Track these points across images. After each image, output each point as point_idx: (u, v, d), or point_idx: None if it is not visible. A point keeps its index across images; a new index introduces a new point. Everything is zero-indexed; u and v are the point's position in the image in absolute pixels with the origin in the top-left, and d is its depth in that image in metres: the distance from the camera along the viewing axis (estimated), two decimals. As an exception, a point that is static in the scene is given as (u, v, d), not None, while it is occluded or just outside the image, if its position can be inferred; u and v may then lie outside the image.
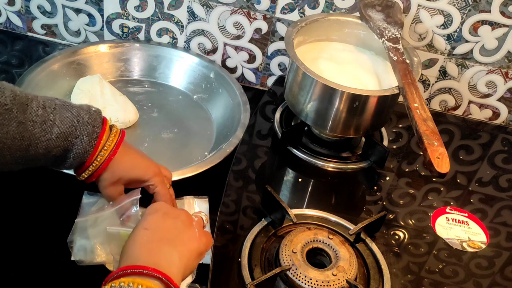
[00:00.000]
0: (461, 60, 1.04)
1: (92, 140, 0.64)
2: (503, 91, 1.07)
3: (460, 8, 0.97)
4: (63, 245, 0.70)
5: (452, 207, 0.88)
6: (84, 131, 0.64)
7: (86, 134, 0.64)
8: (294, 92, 0.91)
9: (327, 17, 0.98)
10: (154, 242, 0.58)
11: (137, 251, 0.57)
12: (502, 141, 1.07)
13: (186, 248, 0.60)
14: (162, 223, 0.61)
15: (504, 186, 0.95)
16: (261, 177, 0.89)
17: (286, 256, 0.70)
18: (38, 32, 1.17)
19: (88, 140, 0.64)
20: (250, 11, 1.04)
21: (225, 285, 0.70)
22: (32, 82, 0.96)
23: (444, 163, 0.72)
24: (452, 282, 0.76)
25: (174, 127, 1.00)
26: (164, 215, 0.62)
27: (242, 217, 0.80)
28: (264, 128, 0.99)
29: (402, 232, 0.82)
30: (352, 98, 0.84)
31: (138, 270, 0.54)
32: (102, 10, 1.10)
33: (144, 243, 0.58)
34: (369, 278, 0.72)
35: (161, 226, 0.61)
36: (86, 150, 0.64)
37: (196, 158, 0.93)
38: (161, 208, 0.64)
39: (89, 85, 0.98)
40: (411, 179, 0.92)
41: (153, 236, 0.59)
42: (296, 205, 0.82)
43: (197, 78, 1.09)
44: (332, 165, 0.92)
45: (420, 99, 0.80)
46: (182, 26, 1.09)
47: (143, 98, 1.05)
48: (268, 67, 1.12)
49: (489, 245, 0.82)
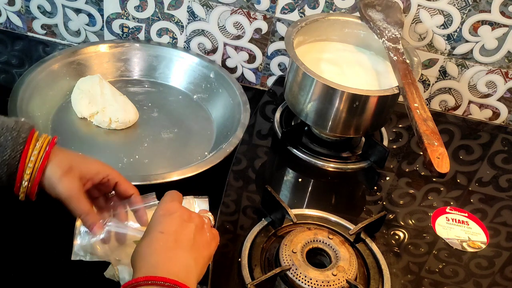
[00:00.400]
0: (461, 60, 1.04)
1: (18, 145, 0.61)
2: (503, 91, 1.07)
3: (460, 8, 0.97)
4: (63, 245, 0.70)
5: (452, 207, 0.88)
6: (8, 136, 0.61)
7: (11, 138, 0.61)
8: (294, 92, 0.91)
9: (327, 17, 0.98)
10: (171, 249, 0.57)
11: (155, 258, 0.56)
12: (502, 141, 1.07)
13: (201, 254, 0.60)
14: (177, 227, 0.59)
15: (504, 186, 0.95)
16: (261, 177, 0.89)
17: (286, 256, 0.70)
18: (38, 32, 1.17)
19: (12, 145, 0.61)
20: (250, 11, 1.04)
21: (225, 285, 0.70)
22: (32, 82, 0.96)
23: (444, 163, 0.72)
24: (452, 282, 0.76)
25: (174, 127, 1.00)
26: (179, 218, 0.60)
27: (242, 217, 0.80)
28: (264, 128, 0.99)
29: (402, 232, 0.82)
30: (352, 98, 0.84)
31: (159, 282, 0.53)
32: (102, 10, 1.10)
33: (161, 249, 0.57)
34: (369, 278, 0.72)
35: (177, 230, 0.59)
36: (12, 156, 0.61)
37: (196, 158, 0.93)
38: (175, 210, 0.62)
39: (89, 85, 0.98)
40: (411, 179, 0.92)
41: (169, 241, 0.58)
42: (296, 205, 0.82)
43: (197, 78, 1.09)
44: (332, 165, 0.92)
45: (420, 99, 0.80)
46: (182, 26, 1.09)
47: (143, 98, 1.05)
48: (268, 67, 1.12)
49: (489, 245, 0.82)
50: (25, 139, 0.62)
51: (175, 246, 0.58)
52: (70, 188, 0.64)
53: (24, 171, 0.62)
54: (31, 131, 0.63)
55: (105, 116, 0.96)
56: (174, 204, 0.63)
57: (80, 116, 0.97)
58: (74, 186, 0.64)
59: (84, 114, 0.97)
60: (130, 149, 0.94)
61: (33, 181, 0.63)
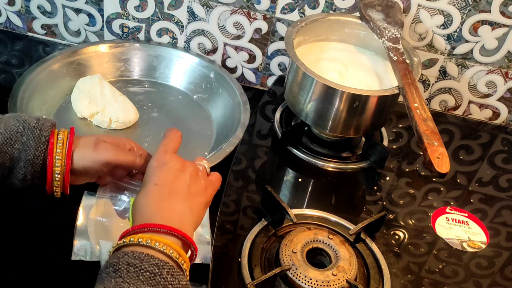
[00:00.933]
0: (461, 60, 1.04)
1: (40, 144, 0.62)
2: (503, 91, 1.07)
3: (460, 8, 0.97)
4: (63, 245, 0.70)
5: (452, 207, 0.88)
6: (30, 135, 0.62)
7: (33, 138, 0.62)
8: (294, 92, 0.91)
9: (327, 17, 0.98)
10: (165, 199, 0.59)
11: (150, 208, 0.59)
12: (502, 141, 1.07)
13: (196, 202, 0.62)
14: (171, 178, 0.62)
15: (504, 186, 0.95)
16: (261, 177, 0.89)
17: (286, 256, 0.70)
18: (38, 32, 1.17)
19: (35, 145, 0.62)
20: (250, 11, 1.04)
21: (225, 285, 0.70)
22: (32, 82, 0.96)
23: (444, 163, 0.72)
24: (452, 282, 0.76)
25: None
26: (172, 168, 0.63)
27: (242, 217, 0.80)
28: (264, 128, 0.99)
29: (402, 232, 0.82)
30: (352, 98, 0.84)
31: (154, 228, 0.56)
32: (102, 10, 1.10)
33: (156, 200, 0.59)
34: (369, 278, 0.72)
35: (171, 180, 0.61)
36: (36, 155, 0.62)
37: (196, 158, 0.93)
38: (168, 160, 0.64)
39: (89, 85, 0.98)
40: (411, 179, 0.92)
41: (163, 192, 0.60)
42: (296, 205, 0.82)
43: (197, 78, 1.09)
44: (332, 165, 0.92)
45: (420, 99, 0.80)
46: (182, 26, 1.09)
47: (143, 98, 1.05)
48: (268, 67, 1.12)
49: (489, 245, 0.82)
50: (47, 138, 0.63)
51: (169, 196, 0.60)
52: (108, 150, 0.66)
53: (53, 167, 0.63)
54: (52, 130, 0.64)
55: (105, 116, 0.96)
56: (167, 155, 0.65)
57: (80, 116, 0.97)
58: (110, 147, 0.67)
59: (84, 114, 0.97)
60: (130, 149, 0.94)
61: (63, 173, 0.64)
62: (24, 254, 0.73)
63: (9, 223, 0.77)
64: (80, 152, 0.66)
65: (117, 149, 0.68)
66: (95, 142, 0.67)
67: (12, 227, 0.77)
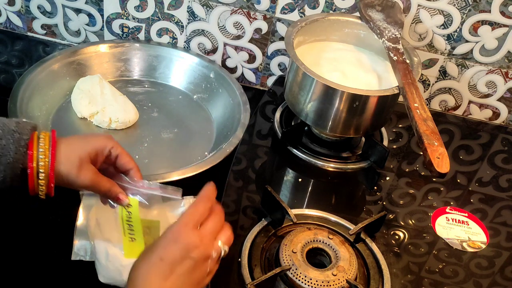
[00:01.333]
0: (461, 60, 1.04)
1: (20, 147, 0.61)
2: (503, 91, 1.07)
3: (460, 8, 0.97)
4: (63, 245, 0.70)
5: (452, 207, 0.88)
6: (10, 139, 0.61)
7: (12, 142, 0.61)
8: (294, 92, 0.91)
9: (327, 17, 0.98)
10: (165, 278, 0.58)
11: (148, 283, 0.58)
12: (502, 141, 1.07)
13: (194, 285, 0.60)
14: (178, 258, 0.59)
15: (504, 186, 0.95)
16: (261, 177, 0.89)
17: (286, 256, 0.70)
18: (38, 32, 1.17)
19: (14, 148, 0.61)
20: (250, 11, 1.04)
21: (225, 285, 0.70)
22: (32, 82, 0.96)
23: (444, 163, 0.72)
24: (452, 282, 0.76)
25: (174, 127, 1.00)
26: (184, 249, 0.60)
27: (242, 217, 0.80)
28: (264, 128, 0.99)
29: (402, 232, 0.82)
30: (352, 98, 0.84)
31: None
32: (102, 10, 1.10)
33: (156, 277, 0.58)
34: (369, 278, 0.72)
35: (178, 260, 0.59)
36: (16, 158, 0.61)
37: (196, 158, 0.93)
38: (184, 237, 0.60)
39: (89, 85, 0.98)
40: (411, 179, 0.92)
41: (166, 271, 0.58)
42: (296, 205, 0.82)
43: (197, 78, 1.09)
44: (332, 165, 0.92)
45: (420, 99, 0.80)
46: (182, 26, 1.09)
47: (143, 98, 1.05)
48: (268, 67, 1.12)
49: (489, 245, 0.82)
50: (27, 141, 0.62)
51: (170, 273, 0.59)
52: (88, 178, 0.66)
53: (35, 170, 0.62)
54: (32, 133, 0.63)
55: (105, 116, 0.96)
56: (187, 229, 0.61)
57: (80, 116, 0.98)
58: (91, 174, 0.66)
59: (84, 114, 0.97)
60: (130, 149, 0.92)
61: (47, 179, 0.64)
62: (24, 254, 0.73)
63: (9, 223, 0.77)
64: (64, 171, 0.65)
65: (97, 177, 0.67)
66: (79, 163, 0.65)
67: (12, 227, 0.77)
